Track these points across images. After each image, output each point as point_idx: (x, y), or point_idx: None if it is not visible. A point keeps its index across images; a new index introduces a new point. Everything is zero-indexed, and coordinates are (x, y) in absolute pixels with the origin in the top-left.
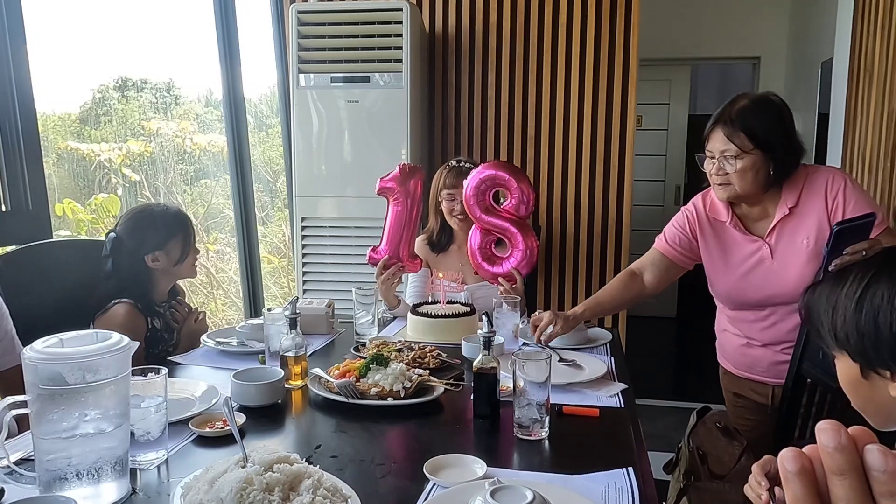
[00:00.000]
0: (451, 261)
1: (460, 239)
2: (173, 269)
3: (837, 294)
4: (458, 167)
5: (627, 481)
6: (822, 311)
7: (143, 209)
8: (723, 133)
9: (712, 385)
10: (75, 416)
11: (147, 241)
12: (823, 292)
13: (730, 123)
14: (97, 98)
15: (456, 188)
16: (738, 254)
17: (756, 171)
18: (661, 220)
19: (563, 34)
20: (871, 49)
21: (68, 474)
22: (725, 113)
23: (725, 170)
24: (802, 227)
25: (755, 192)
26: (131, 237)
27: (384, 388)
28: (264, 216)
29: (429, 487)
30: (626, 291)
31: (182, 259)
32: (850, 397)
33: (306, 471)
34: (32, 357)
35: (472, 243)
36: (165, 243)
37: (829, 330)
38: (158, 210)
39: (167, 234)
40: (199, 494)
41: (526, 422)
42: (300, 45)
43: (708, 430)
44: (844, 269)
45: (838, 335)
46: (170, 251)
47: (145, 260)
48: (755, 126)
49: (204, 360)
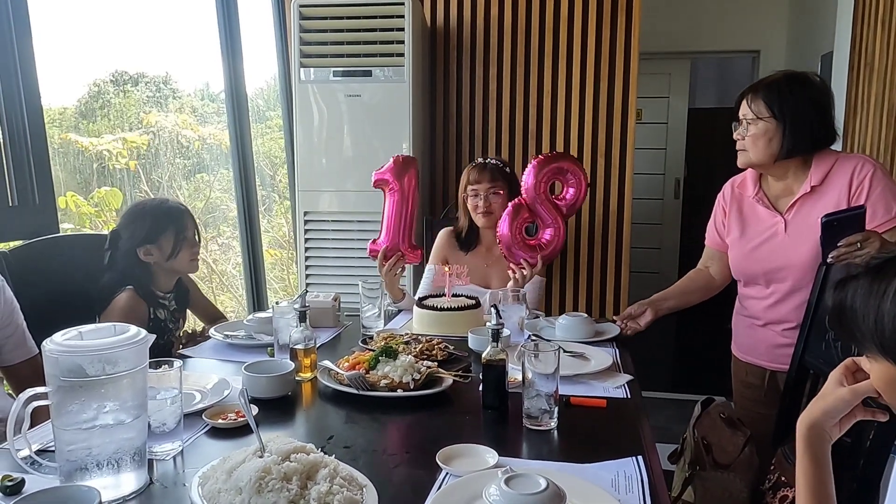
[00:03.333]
0: (476, 262)
1: (487, 240)
2: (167, 263)
3: (880, 298)
4: (482, 163)
5: (637, 469)
6: (861, 315)
7: (138, 203)
8: (746, 98)
9: (714, 378)
10: (94, 407)
11: (137, 235)
12: (860, 294)
13: (754, 90)
14: (93, 92)
15: (479, 183)
16: (755, 226)
17: (768, 140)
18: (661, 213)
19: (563, 28)
20: (872, 43)
21: (89, 464)
22: (758, 82)
23: (743, 134)
24: (820, 206)
25: (768, 161)
26: (125, 231)
27: (394, 380)
28: (264, 210)
29: (442, 476)
30: (697, 281)
31: (175, 253)
32: (886, 396)
33: (322, 460)
34: (53, 350)
35: (503, 231)
36: (156, 237)
37: (873, 335)
38: (152, 204)
39: (157, 229)
40: (217, 484)
41: (535, 412)
42: (302, 39)
43: (712, 421)
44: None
45: (886, 342)
46: (161, 245)
47: (138, 253)
48: (775, 96)
49: (212, 353)
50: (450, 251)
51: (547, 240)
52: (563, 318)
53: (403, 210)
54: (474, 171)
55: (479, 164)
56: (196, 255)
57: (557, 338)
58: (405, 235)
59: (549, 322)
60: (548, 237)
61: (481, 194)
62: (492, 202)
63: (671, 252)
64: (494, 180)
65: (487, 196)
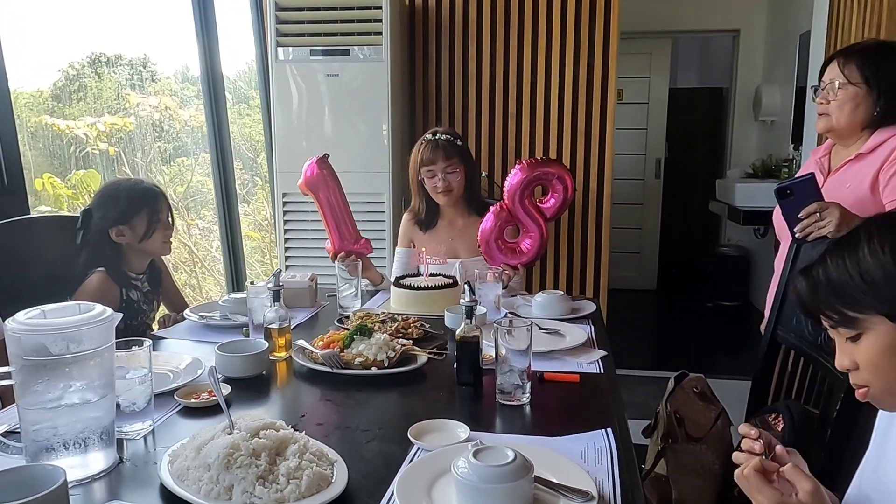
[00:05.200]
0: (440, 236)
1: (448, 214)
2: (139, 244)
3: (858, 256)
4: (434, 140)
5: (606, 442)
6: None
7: (112, 183)
8: (837, 62)
9: (691, 355)
10: (60, 386)
11: (109, 215)
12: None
13: (846, 54)
14: (70, 74)
15: (434, 163)
16: None
17: (856, 106)
18: (642, 193)
19: (543, 7)
20: (848, 22)
21: (55, 444)
22: (848, 48)
23: (828, 98)
24: (858, 173)
25: (850, 128)
26: (97, 210)
27: (368, 358)
28: (245, 193)
29: (413, 451)
30: None
31: (148, 235)
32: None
33: (292, 436)
34: (16, 328)
35: (485, 227)
36: (129, 218)
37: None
38: (126, 185)
39: (131, 210)
40: (186, 461)
41: (508, 388)
42: (278, 17)
43: (685, 395)
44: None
45: (881, 291)
46: (134, 226)
47: (110, 233)
48: (870, 62)
49: (187, 334)
50: (414, 233)
51: (526, 248)
52: (539, 296)
53: (334, 211)
54: (426, 149)
55: (430, 141)
56: (169, 238)
57: (534, 315)
58: (347, 234)
59: (526, 300)
60: (527, 245)
61: (438, 174)
62: (450, 181)
63: (652, 232)
64: (449, 158)
65: (445, 176)
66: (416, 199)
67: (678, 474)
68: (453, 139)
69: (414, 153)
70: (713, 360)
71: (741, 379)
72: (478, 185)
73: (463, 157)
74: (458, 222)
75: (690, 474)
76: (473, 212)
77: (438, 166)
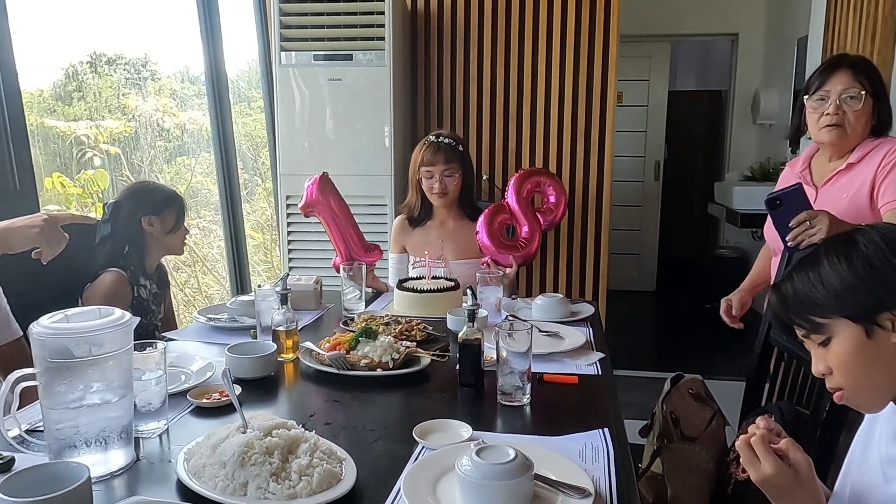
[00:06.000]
0: (430, 237)
1: (441, 215)
2: (165, 237)
3: (819, 269)
4: (436, 143)
5: (603, 441)
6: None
7: (143, 181)
8: (849, 73)
9: (689, 356)
10: (81, 387)
11: (146, 205)
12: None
13: (853, 65)
14: (70, 73)
15: (434, 165)
16: None
17: (868, 117)
18: (641, 195)
19: (544, 11)
20: (844, 27)
21: (77, 442)
22: (845, 58)
23: (845, 110)
24: (850, 183)
25: (858, 139)
26: (130, 200)
27: (373, 360)
28: (247, 193)
29: (418, 450)
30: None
31: (175, 229)
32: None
33: (303, 435)
34: (40, 332)
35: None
36: (162, 210)
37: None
38: (157, 184)
39: (164, 203)
40: (202, 459)
41: (509, 389)
42: (282, 22)
43: (681, 396)
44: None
45: (841, 296)
46: (165, 219)
47: (141, 222)
48: (873, 73)
49: (196, 336)
50: (405, 236)
51: (525, 237)
52: (539, 299)
53: (340, 225)
54: (428, 151)
55: (432, 143)
56: (184, 240)
57: (534, 318)
58: (354, 245)
59: (526, 303)
60: (525, 234)
61: (436, 176)
62: (447, 184)
63: (651, 234)
64: (449, 162)
65: (442, 179)
66: (412, 196)
67: (673, 473)
68: (455, 143)
69: (416, 152)
70: (711, 361)
71: (739, 380)
72: (473, 190)
73: (462, 162)
74: (450, 224)
75: (685, 473)
76: (466, 216)
77: (437, 168)
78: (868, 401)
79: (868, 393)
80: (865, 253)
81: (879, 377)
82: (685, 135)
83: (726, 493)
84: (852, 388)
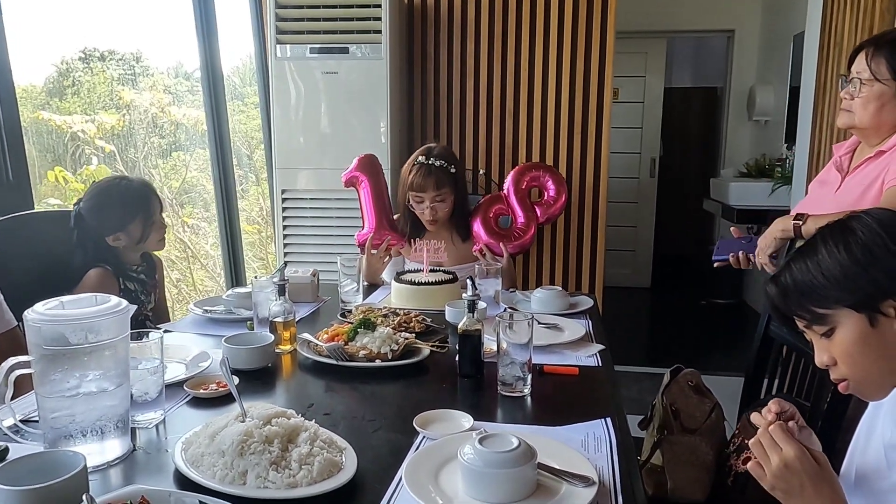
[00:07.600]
0: None
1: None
2: (136, 246)
3: (817, 258)
4: (426, 165)
5: (606, 431)
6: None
7: (105, 187)
8: (865, 53)
9: (685, 352)
10: (77, 375)
11: (106, 223)
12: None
13: (876, 45)
14: (62, 69)
15: (424, 191)
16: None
17: (881, 105)
18: (637, 192)
19: (540, 6)
20: (841, 23)
21: (73, 431)
22: (879, 37)
23: (852, 94)
24: (873, 173)
25: (873, 128)
26: (91, 216)
27: (372, 351)
28: (241, 190)
29: (419, 440)
30: None
31: (144, 238)
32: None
33: (303, 424)
34: (36, 319)
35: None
36: (125, 225)
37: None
38: (118, 189)
39: (126, 217)
40: (200, 448)
41: (509, 379)
42: (277, 14)
43: (680, 388)
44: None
45: (842, 285)
46: (130, 232)
47: (107, 241)
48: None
49: (192, 328)
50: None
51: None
52: (538, 292)
53: (380, 200)
54: (418, 175)
55: (423, 166)
56: (163, 235)
57: (533, 310)
58: (388, 221)
59: (525, 295)
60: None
61: (426, 202)
62: (437, 210)
63: (647, 230)
64: (440, 187)
65: (433, 205)
66: (402, 219)
67: (673, 465)
68: (446, 165)
69: (405, 173)
70: (707, 357)
71: (734, 375)
72: (468, 207)
73: (454, 186)
74: (443, 234)
75: (685, 465)
76: (458, 236)
77: (428, 195)
78: (874, 389)
79: (874, 382)
80: (864, 240)
81: (885, 366)
82: (681, 131)
83: (726, 485)
84: (858, 378)
